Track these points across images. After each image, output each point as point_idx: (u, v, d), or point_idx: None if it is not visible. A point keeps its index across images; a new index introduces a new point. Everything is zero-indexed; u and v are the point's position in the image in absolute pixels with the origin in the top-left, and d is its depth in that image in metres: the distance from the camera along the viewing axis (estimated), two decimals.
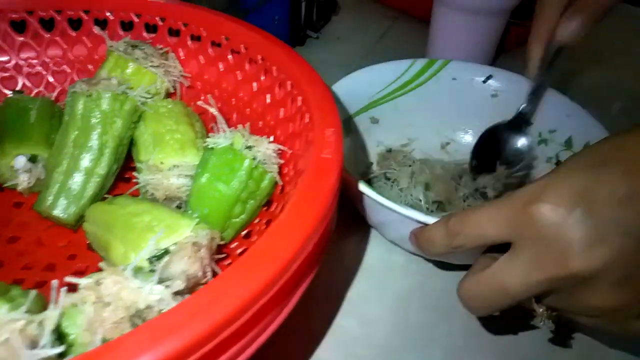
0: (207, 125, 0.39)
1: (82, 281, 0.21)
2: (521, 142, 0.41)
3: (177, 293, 0.22)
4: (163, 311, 0.21)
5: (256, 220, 0.34)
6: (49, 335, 0.19)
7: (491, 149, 0.41)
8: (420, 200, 0.39)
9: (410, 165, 0.41)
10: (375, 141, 0.45)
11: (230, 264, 0.31)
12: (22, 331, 0.18)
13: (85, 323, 0.20)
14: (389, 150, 0.45)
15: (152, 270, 0.25)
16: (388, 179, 0.41)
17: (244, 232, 0.33)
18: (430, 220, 0.29)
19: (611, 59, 0.69)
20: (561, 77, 0.65)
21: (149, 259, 0.25)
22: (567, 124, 0.41)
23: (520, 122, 0.41)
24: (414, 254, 0.37)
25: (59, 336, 0.20)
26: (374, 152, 0.45)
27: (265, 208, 0.34)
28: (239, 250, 0.32)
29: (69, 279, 0.20)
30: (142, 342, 0.16)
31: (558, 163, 0.41)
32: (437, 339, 0.33)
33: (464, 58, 0.48)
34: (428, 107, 0.46)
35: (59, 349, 0.18)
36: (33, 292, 0.20)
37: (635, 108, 0.59)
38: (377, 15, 0.77)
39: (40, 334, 0.19)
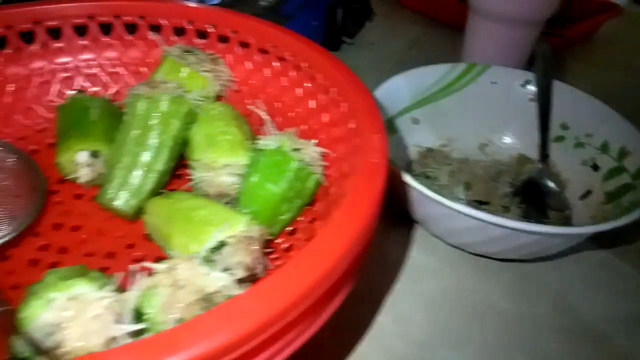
0: (251, 128, 0.41)
1: (158, 266, 0.23)
2: (554, 187, 0.43)
3: (238, 281, 0.25)
4: (228, 296, 0.23)
5: (300, 218, 0.36)
6: (130, 313, 0.21)
7: (534, 197, 0.43)
8: (462, 199, 0.41)
9: (449, 165, 0.43)
10: (416, 141, 0.48)
11: (276, 257, 0.33)
12: (110, 308, 0.21)
13: (161, 304, 0.22)
14: (429, 150, 0.47)
15: (211, 260, 0.27)
16: (428, 177, 0.43)
17: (289, 229, 0.36)
18: (479, 214, 0.31)
19: None
20: (594, 83, 0.66)
21: (209, 249, 0.28)
22: (603, 128, 0.43)
23: (544, 172, 0.44)
24: (456, 247, 0.40)
25: (136, 315, 0.22)
26: (414, 151, 0.47)
27: (308, 207, 0.36)
28: (284, 246, 0.35)
29: (148, 264, 0.23)
30: (221, 321, 0.18)
31: (594, 166, 0.42)
32: (470, 338, 0.34)
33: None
34: (467, 109, 0.49)
35: (142, 325, 0.21)
36: (116, 275, 0.23)
37: None
38: (410, 22, 0.79)
39: (123, 311, 0.21)
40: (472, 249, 0.38)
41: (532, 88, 0.48)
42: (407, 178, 0.35)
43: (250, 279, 0.29)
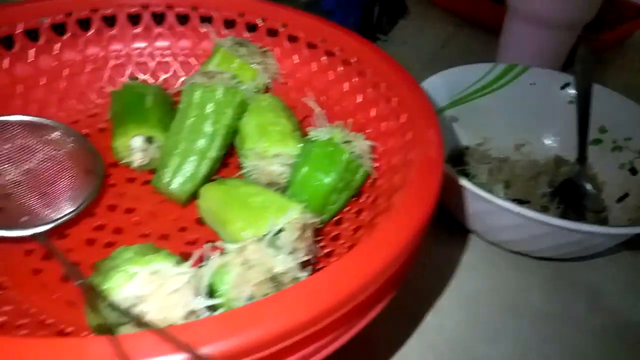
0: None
1: (229, 246, 0.24)
2: (591, 189, 0.44)
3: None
4: (294, 277, 0.24)
5: (346, 209, 0.37)
6: (205, 288, 0.23)
7: (572, 198, 0.44)
8: (502, 197, 0.42)
9: (488, 163, 0.44)
10: (453, 139, 0.48)
11: (324, 245, 0.35)
12: (189, 283, 0.22)
13: (233, 281, 0.23)
14: (466, 148, 0.47)
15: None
16: (466, 175, 0.44)
17: (335, 219, 0.37)
18: (528, 212, 0.32)
19: None
20: (626, 86, 0.66)
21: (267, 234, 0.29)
22: None
23: (582, 174, 0.44)
24: (493, 245, 0.40)
25: (210, 291, 0.24)
26: (451, 149, 0.48)
27: (355, 198, 0.37)
28: (332, 234, 0.36)
29: (219, 244, 0.24)
30: (299, 300, 0.20)
31: (632, 170, 0.43)
32: (506, 334, 0.35)
33: None
34: (505, 109, 0.49)
35: (219, 300, 0.22)
36: (195, 253, 0.24)
37: None
38: (442, 21, 0.79)
39: (199, 287, 0.23)
40: (512, 247, 0.39)
41: (571, 91, 0.48)
42: (454, 175, 0.35)
43: (304, 264, 0.30)
